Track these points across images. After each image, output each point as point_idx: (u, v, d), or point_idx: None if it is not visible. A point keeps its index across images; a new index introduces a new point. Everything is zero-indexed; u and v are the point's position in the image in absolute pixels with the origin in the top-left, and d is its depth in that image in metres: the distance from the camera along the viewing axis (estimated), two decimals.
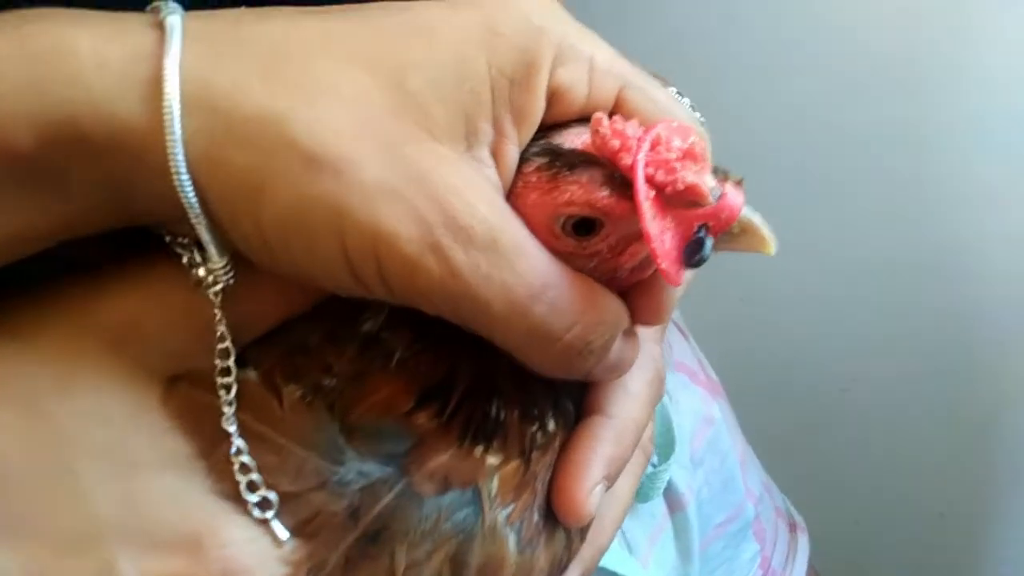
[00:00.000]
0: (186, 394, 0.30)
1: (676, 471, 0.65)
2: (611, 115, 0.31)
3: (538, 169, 0.31)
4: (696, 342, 0.78)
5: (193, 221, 0.28)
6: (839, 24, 1.19)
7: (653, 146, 0.29)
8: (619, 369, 0.34)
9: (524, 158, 0.32)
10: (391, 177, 0.28)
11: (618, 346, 0.33)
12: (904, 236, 1.27)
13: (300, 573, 0.30)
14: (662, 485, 0.61)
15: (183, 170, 0.27)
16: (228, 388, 0.31)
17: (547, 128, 0.32)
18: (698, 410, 0.71)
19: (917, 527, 1.38)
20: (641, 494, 0.59)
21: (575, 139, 0.32)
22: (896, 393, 1.33)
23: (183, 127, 0.27)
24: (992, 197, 1.24)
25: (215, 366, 0.31)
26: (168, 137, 0.27)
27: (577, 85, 0.32)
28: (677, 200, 0.29)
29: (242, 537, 0.30)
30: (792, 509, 0.84)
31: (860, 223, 1.26)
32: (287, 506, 0.30)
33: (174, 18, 0.28)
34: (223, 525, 0.30)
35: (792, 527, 0.81)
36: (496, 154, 0.31)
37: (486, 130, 0.30)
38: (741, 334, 1.26)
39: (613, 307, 0.32)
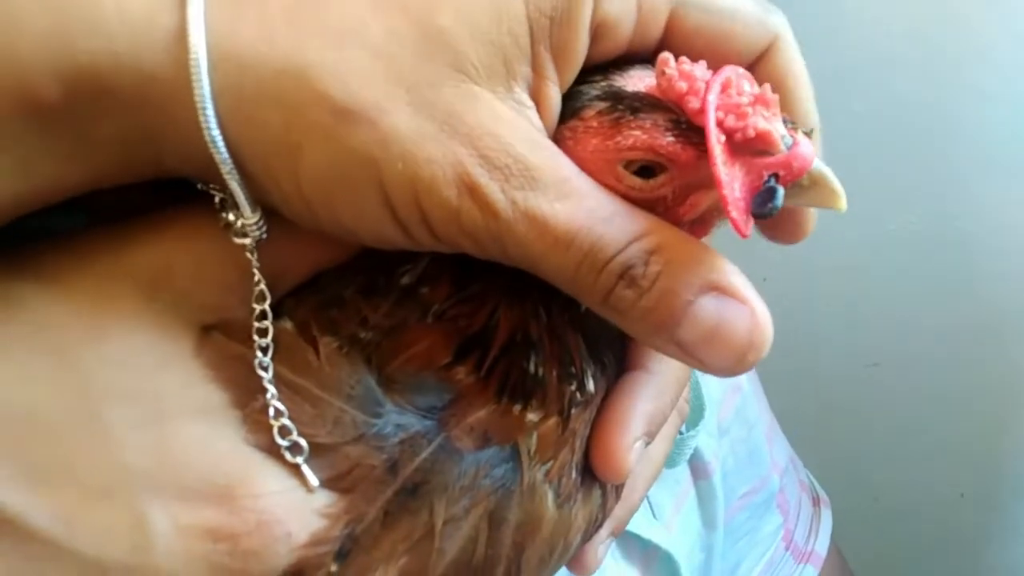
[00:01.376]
0: (220, 344, 0.30)
1: (703, 439, 0.64)
2: (661, 41, 0.30)
3: (599, 113, 0.30)
4: None
5: (226, 178, 0.28)
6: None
7: (723, 89, 0.28)
8: (726, 341, 0.28)
9: (585, 102, 0.30)
10: (424, 122, 0.27)
11: (712, 304, 0.28)
12: (933, 212, 1.26)
13: (337, 526, 0.30)
14: (689, 451, 0.61)
15: (214, 127, 0.26)
16: (264, 332, 0.30)
17: (607, 68, 0.31)
18: (726, 378, 0.70)
19: (937, 506, 1.38)
20: (668, 460, 0.59)
21: (638, 82, 0.30)
22: (924, 370, 1.32)
23: (210, 82, 0.26)
24: (1014, 170, 1.21)
25: (251, 311, 0.30)
26: (196, 93, 0.26)
27: (625, 17, 0.30)
28: (746, 147, 0.28)
29: (277, 488, 0.29)
30: (815, 483, 0.83)
31: (882, 196, 1.24)
32: (324, 459, 0.30)
33: None
34: (257, 476, 0.29)
35: (816, 501, 0.81)
36: (536, 96, 0.30)
37: (525, 73, 0.29)
38: (769, 310, 1.25)
39: (680, 243, 0.29)
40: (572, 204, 0.28)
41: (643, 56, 0.32)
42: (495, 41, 0.28)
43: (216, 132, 0.26)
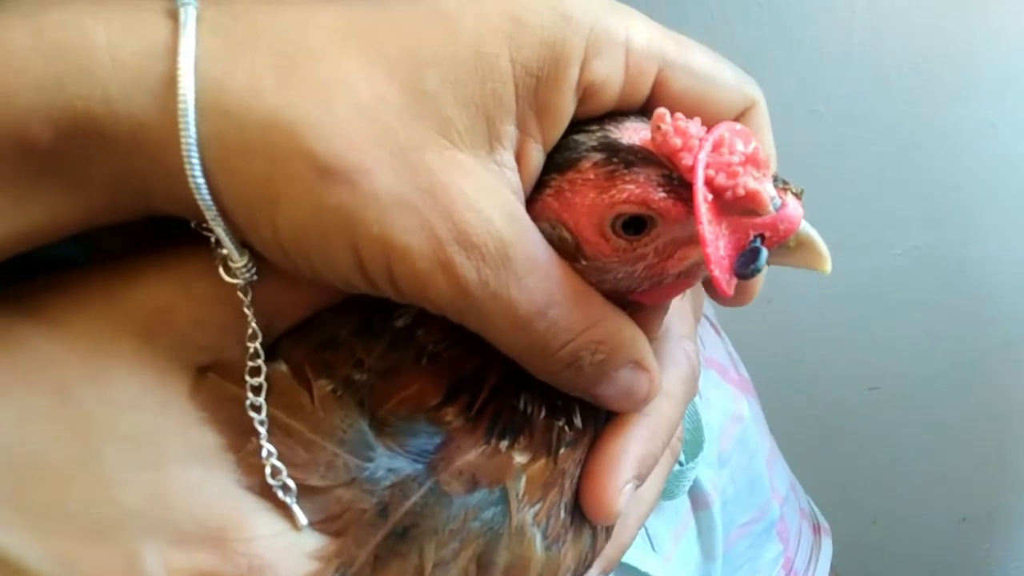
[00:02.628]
0: (215, 386, 0.30)
1: (702, 469, 0.64)
2: (648, 101, 0.31)
3: (595, 165, 0.30)
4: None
5: (211, 223, 0.28)
6: (860, 24, 1.18)
7: (715, 147, 0.28)
8: (630, 397, 0.33)
9: (582, 153, 0.31)
10: (406, 189, 0.28)
11: (627, 376, 0.33)
12: (931, 236, 1.26)
13: (328, 569, 0.30)
14: (688, 484, 0.61)
15: (199, 174, 0.27)
16: (256, 371, 0.30)
17: (603, 117, 0.31)
18: (727, 408, 0.70)
19: (938, 531, 1.38)
20: (667, 492, 0.59)
21: (633, 134, 0.31)
22: (924, 394, 1.33)
23: (196, 132, 0.27)
24: (1020, 199, 1.22)
25: (245, 351, 0.30)
26: (183, 141, 0.27)
27: (612, 78, 0.30)
28: (735, 206, 0.28)
29: (269, 532, 0.29)
30: (816, 510, 0.83)
31: (887, 223, 1.25)
32: (316, 502, 0.30)
33: (188, 9, 0.27)
34: (249, 519, 0.29)
35: (816, 529, 0.80)
36: (519, 154, 0.30)
37: (509, 132, 0.29)
38: (770, 334, 1.25)
39: (620, 332, 0.32)
40: (535, 285, 0.29)
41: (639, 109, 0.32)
42: (479, 103, 0.28)
43: (201, 179, 0.27)
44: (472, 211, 0.28)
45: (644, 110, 0.32)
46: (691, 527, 0.65)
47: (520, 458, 0.33)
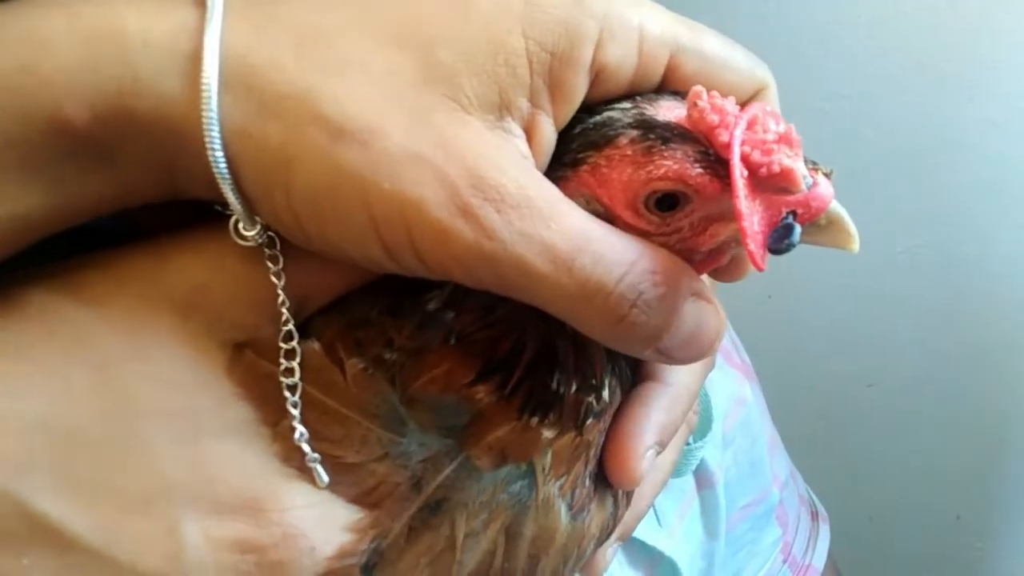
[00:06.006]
0: (251, 362, 0.31)
1: (708, 449, 0.65)
2: (660, 84, 0.32)
3: (632, 141, 0.31)
4: None
5: (222, 186, 0.28)
6: (864, 22, 1.18)
7: (750, 126, 0.29)
8: (698, 340, 0.31)
9: (619, 130, 0.31)
10: (416, 144, 0.28)
11: (693, 309, 0.30)
12: (933, 235, 1.27)
13: (364, 540, 0.30)
14: (696, 462, 0.62)
15: (217, 143, 0.27)
16: (289, 338, 0.31)
17: (635, 96, 0.32)
18: (732, 391, 0.71)
19: (933, 528, 1.39)
20: (676, 469, 0.59)
21: (667, 112, 0.31)
22: (921, 391, 1.33)
23: (219, 102, 0.27)
24: (1022, 198, 1.23)
25: (279, 330, 0.31)
26: (204, 111, 0.27)
27: (625, 62, 0.31)
28: (768, 184, 0.29)
29: (302, 503, 0.30)
30: (814, 498, 0.84)
31: (889, 221, 1.25)
32: (351, 476, 0.31)
33: None
34: (284, 490, 0.30)
35: (814, 516, 0.81)
36: (530, 128, 0.30)
37: (521, 103, 0.30)
38: (769, 329, 1.26)
39: (669, 259, 0.30)
40: (567, 224, 0.29)
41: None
42: (490, 72, 0.29)
43: (219, 150, 0.28)
44: (484, 159, 0.28)
45: (679, 89, 0.32)
46: (695, 505, 0.66)
47: (548, 433, 0.33)
